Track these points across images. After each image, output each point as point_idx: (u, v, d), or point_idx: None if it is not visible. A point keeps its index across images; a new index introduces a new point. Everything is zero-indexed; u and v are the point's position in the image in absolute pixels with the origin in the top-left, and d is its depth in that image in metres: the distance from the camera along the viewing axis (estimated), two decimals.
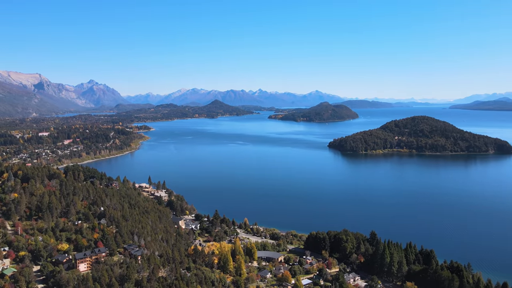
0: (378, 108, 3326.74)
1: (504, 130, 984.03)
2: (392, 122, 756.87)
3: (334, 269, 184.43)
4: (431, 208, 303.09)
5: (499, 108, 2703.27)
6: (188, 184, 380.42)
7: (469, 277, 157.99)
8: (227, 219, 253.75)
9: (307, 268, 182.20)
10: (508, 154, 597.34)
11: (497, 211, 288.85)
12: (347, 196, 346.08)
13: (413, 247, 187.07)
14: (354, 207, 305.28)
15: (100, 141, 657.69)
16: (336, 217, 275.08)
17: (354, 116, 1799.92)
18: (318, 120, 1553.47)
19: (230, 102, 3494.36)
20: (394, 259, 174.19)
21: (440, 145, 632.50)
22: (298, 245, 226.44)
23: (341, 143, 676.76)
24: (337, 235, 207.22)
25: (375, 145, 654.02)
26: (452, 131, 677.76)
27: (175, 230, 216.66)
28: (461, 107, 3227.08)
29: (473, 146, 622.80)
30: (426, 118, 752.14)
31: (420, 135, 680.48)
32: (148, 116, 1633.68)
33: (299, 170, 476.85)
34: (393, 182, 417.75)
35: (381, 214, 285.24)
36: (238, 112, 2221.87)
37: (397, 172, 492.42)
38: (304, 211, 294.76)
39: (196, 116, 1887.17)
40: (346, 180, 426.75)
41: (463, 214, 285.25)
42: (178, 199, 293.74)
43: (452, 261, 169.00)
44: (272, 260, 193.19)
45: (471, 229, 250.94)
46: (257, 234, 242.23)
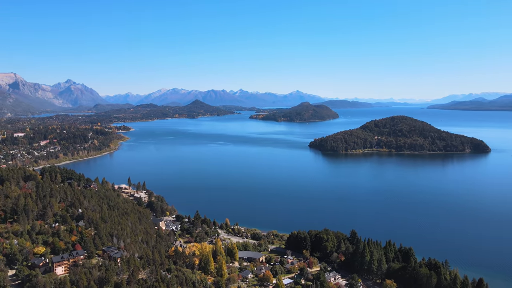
0: (358, 108, 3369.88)
1: (480, 129, 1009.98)
2: (372, 122, 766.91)
3: (315, 268, 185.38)
4: (410, 206, 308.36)
5: (475, 108, 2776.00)
6: (168, 185, 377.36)
7: (447, 273, 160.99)
8: (208, 219, 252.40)
9: (288, 268, 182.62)
10: (483, 153, 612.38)
11: (472, 209, 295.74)
12: (328, 195, 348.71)
13: (393, 245, 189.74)
14: (335, 207, 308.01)
15: (78, 142, 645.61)
16: (317, 216, 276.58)
17: (334, 116, 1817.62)
18: (299, 120, 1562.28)
19: (211, 102, 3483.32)
20: (374, 257, 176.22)
21: (419, 145, 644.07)
22: (279, 244, 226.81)
23: (321, 143, 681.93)
24: (318, 235, 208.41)
25: (355, 144, 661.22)
26: (430, 130, 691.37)
27: (156, 231, 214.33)
28: (438, 107, 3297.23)
29: (450, 146, 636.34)
30: (405, 118, 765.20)
31: (399, 134, 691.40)
32: (127, 116, 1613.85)
33: (280, 170, 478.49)
34: (373, 181, 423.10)
35: (362, 213, 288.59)
36: (219, 112, 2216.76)
37: (376, 172, 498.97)
38: (285, 211, 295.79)
39: (177, 116, 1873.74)
40: (327, 180, 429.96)
41: (440, 212, 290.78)
42: (159, 200, 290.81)
43: (430, 258, 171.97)
44: (253, 260, 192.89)
45: (448, 227, 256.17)
46: (238, 235, 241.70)
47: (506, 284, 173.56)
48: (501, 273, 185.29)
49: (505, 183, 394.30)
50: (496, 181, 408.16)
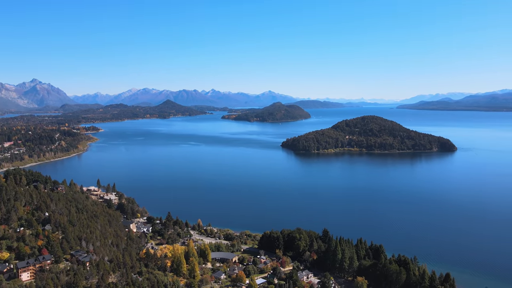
0: (330, 108, 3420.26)
1: (446, 128, 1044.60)
2: (343, 122, 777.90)
3: (288, 267, 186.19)
4: (380, 204, 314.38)
5: (442, 108, 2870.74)
6: (139, 186, 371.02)
7: (415, 269, 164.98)
8: (180, 221, 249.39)
9: (261, 268, 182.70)
10: (450, 151, 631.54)
11: (440, 206, 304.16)
12: (300, 195, 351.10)
13: (364, 243, 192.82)
14: (307, 206, 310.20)
15: (45, 143, 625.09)
16: (290, 216, 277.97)
17: (306, 116, 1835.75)
18: (271, 120, 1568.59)
19: (183, 102, 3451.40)
20: (345, 255, 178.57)
21: (388, 144, 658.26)
22: (252, 245, 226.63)
23: (294, 142, 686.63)
24: (290, 234, 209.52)
25: (327, 144, 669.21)
26: (399, 130, 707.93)
27: (126, 234, 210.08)
28: (407, 107, 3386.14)
29: (419, 145, 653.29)
30: (375, 117, 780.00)
31: (370, 134, 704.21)
32: (96, 117, 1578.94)
33: (253, 170, 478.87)
34: (344, 180, 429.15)
35: (334, 212, 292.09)
36: (190, 112, 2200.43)
37: (348, 171, 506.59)
38: (258, 211, 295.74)
39: (148, 116, 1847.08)
40: (299, 180, 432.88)
41: (409, 209, 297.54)
42: (129, 202, 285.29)
43: (399, 255, 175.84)
44: (226, 260, 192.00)
45: (416, 224, 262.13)
46: (211, 235, 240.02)
47: (471, 278, 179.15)
48: (467, 267, 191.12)
49: (471, 180, 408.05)
50: (462, 178, 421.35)
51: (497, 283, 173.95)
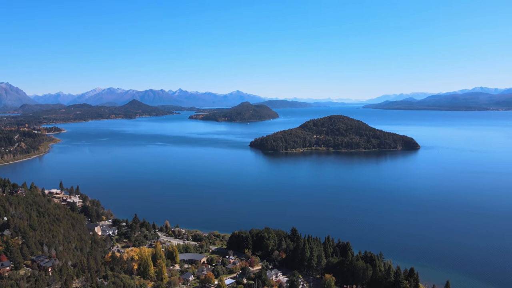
0: (297, 108, 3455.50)
1: (410, 127, 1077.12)
2: (311, 121, 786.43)
3: (257, 266, 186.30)
4: (347, 202, 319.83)
5: (406, 107, 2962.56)
6: (104, 188, 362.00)
7: (381, 265, 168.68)
8: (147, 222, 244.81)
9: (230, 268, 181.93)
10: (413, 150, 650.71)
11: (404, 202, 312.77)
12: (269, 194, 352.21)
13: (331, 241, 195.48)
14: (276, 205, 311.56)
15: (3, 145, 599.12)
16: (259, 215, 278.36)
17: (274, 116, 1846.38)
18: (239, 120, 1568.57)
19: (149, 102, 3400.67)
20: (313, 253, 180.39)
21: (355, 143, 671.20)
22: (221, 245, 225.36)
23: (262, 142, 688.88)
24: (259, 233, 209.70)
25: (295, 143, 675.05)
26: (365, 129, 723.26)
27: (91, 237, 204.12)
28: (373, 107, 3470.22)
29: (384, 143, 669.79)
30: (342, 117, 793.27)
31: (337, 133, 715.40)
32: (59, 117, 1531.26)
33: (221, 170, 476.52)
34: (312, 179, 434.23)
35: (302, 210, 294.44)
36: (157, 112, 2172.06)
37: (315, 170, 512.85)
38: (226, 211, 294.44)
39: (113, 116, 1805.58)
40: (268, 179, 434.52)
41: (375, 206, 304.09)
42: (94, 204, 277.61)
43: (366, 251, 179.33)
44: (194, 262, 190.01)
45: (382, 220, 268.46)
46: (179, 237, 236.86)
47: (434, 271, 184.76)
48: (430, 262, 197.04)
49: (434, 177, 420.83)
50: (425, 175, 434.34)
51: (458, 276, 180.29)
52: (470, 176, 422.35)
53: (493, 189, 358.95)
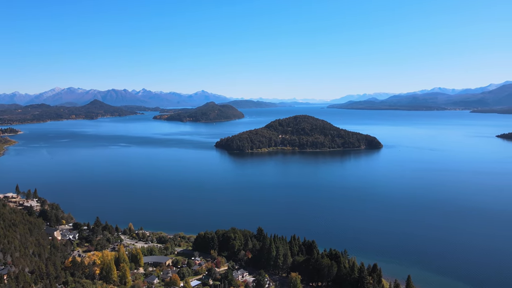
0: (263, 107, 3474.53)
1: (373, 127, 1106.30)
2: (276, 121, 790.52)
3: (223, 267, 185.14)
4: (313, 200, 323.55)
5: (369, 107, 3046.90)
6: (64, 191, 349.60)
7: (346, 262, 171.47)
8: (109, 225, 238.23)
9: (196, 269, 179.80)
10: (376, 148, 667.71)
11: (367, 200, 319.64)
12: (235, 194, 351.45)
13: (297, 239, 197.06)
14: (242, 205, 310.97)
15: None
16: (225, 216, 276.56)
17: (240, 116, 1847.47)
18: (204, 120, 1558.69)
19: (112, 102, 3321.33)
20: (279, 252, 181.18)
21: (320, 142, 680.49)
22: (186, 246, 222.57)
23: (227, 142, 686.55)
24: (225, 234, 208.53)
25: (261, 143, 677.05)
26: (330, 129, 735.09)
27: (50, 242, 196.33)
28: (337, 107, 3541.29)
29: (348, 143, 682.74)
30: (307, 117, 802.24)
31: (302, 133, 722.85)
32: (14, 118, 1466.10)
33: (186, 170, 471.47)
34: (278, 179, 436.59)
35: (268, 210, 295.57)
36: (120, 112, 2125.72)
37: (281, 169, 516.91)
38: (192, 212, 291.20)
39: (73, 117, 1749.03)
40: (233, 179, 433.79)
41: (340, 204, 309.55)
42: (53, 208, 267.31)
43: (331, 249, 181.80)
44: (159, 264, 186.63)
45: (346, 218, 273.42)
46: (143, 239, 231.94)
47: (397, 266, 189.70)
48: (393, 257, 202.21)
49: (395, 174, 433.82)
50: (388, 173, 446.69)
51: (419, 270, 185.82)
52: (430, 173, 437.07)
53: (452, 186, 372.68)
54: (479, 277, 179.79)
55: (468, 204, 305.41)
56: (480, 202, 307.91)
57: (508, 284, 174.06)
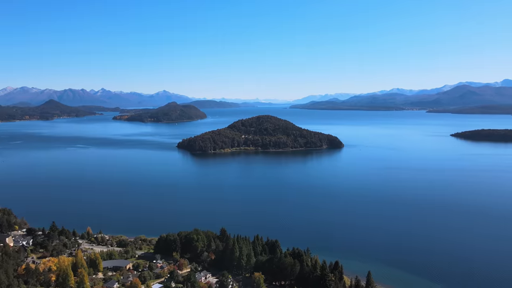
0: (226, 108, 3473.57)
1: (334, 126, 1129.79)
2: (239, 122, 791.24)
3: (186, 269, 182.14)
4: (275, 200, 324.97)
5: (330, 107, 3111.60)
6: (17, 196, 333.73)
7: (308, 260, 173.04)
8: (66, 230, 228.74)
9: (158, 272, 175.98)
10: (338, 148, 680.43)
11: (329, 198, 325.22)
12: (198, 195, 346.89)
13: (260, 239, 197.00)
14: (205, 206, 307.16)
15: None
16: (187, 217, 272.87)
17: (202, 116, 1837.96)
18: (166, 121, 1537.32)
19: (69, 102, 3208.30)
20: (243, 252, 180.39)
21: (282, 142, 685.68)
22: (148, 249, 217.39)
23: (190, 143, 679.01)
24: (188, 235, 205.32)
25: (224, 144, 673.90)
26: (292, 129, 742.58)
27: (1, 249, 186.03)
28: (299, 107, 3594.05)
29: (310, 142, 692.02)
30: (270, 117, 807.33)
31: (265, 133, 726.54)
32: None
33: (147, 172, 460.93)
34: (241, 179, 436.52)
35: (231, 210, 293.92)
36: (78, 113, 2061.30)
37: (244, 169, 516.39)
38: (153, 214, 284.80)
39: (27, 118, 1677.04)
40: (196, 180, 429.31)
41: (302, 203, 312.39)
42: (4, 213, 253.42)
43: (294, 248, 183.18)
44: (119, 268, 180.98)
45: (309, 217, 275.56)
46: (102, 243, 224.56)
47: (357, 263, 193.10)
48: (354, 254, 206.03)
49: (356, 173, 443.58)
50: (348, 172, 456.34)
51: (379, 265, 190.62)
52: (389, 171, 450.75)
53: (409, 183, 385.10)
54: (438, 270, 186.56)
55: (425, 199, 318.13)
56: (436, 197, 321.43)
57: (466, 274, 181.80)
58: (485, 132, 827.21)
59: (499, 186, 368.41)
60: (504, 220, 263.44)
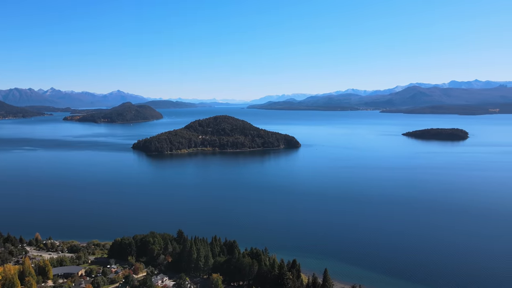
0: (182, 108, 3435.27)
1: (291, 127, 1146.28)
2: (196, 122, 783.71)
3: (142, 273, 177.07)
4: (233, 200, 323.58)
5: (287, 108, 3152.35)
6: None
7: (266, 260, 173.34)
8: (12, 237, 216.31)
9: (112, 278, 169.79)
10: (295, 148, 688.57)
11: (286, 198, 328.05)
12: (153, 197, 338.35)
13: (218, 240, 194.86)
14: (161, 208, 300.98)
15: None
16: (143, 220, 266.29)
17: (158, 117, 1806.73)
18: (120, 121, 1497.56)
19: (15, 102, 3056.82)
20: (200, 254, 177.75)
21: (240, 142, 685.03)
22: (101, 254, 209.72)
23: (145, 144, 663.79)
24: (144, 238, 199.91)
25: (180, 144, 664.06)
26: (250, 129, 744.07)
27: None
28: (257, 107, 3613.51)
29: (267, 142, 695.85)
30: (227, 117, 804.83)
31: (222, 133, 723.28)
32: None
33: (100, 174, 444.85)
34: (198, 180, 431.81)
35: (189, 212, 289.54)
36: (25, 113, 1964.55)
37: (201, 170, 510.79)
38: (107, 217, 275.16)
39: None
40: (152, 181, 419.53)
41: (259, 203, 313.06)
42: None
43: (252, 248, 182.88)
44: (71, 275, 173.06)
45: (266, 216, 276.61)
46: (52, 250, 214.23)
47: (315, 261, 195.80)
48: (311, 252, 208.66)
49: (312, 172, 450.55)
50: (305, 171, 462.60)
51: (335, 263, 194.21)
52: (344, 170, 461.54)
53: (364, 181, 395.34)
54: (391, 263, 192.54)
55: (380, 195, 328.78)
56: (391, 194, 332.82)
57: (420, 265, 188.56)
58: (434, 131, 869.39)
59: (449, 184, 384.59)
60: (455, 213, 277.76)
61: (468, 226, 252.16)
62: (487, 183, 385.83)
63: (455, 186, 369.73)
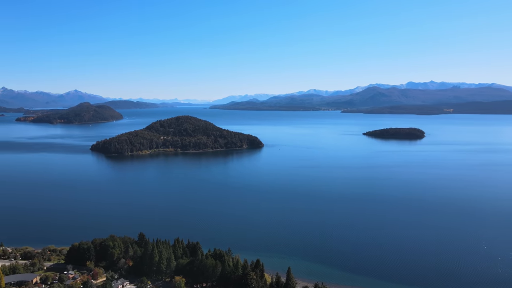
0: (143, 108, 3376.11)
1: (254, 127, 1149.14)
2: (158, 122, 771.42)
3: (101, 278, 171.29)
4: (196, 202, 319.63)
5: (250, 108, 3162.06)
6: None
7: (230, 260, 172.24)
8: None
9: (70, 284, 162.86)
10: (258, 148, 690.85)
11: (249, 198, 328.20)
12: (113, 199, 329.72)
13: (181, 242, 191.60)
14: (121, 211, 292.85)
15: None
16: (102, 223, 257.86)
17: (118, 117, 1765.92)
18: (78, 122, 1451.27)
19: None
20: (163, 256, 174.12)
21: (202, 143, 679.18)
22: (58, 260, 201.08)
23: (105, 145, 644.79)
24: (103, 242, 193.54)
25: (141, 145, 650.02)
26: (213, 129, 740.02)
27: None
28: (219, 107, 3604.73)
29: (230, 143, 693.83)
30: (190, 117, 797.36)
31: (184, 134, 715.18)
32: None
33: (56, 176, 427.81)
34: (159, 182, 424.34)
35: (150, 214, 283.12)
36: None
37: (163, 171, 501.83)
38: (63, 222, 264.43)
39: None
40: (111, 183, 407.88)
41: (222, 204, 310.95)
42: None
43: (215, 249, 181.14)
44: (24, 283, 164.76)
45: (229, 217, 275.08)
46: (3, 257, 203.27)
47: (278, 260, 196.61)
48: (274, 252, 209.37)
49: (275, 172, 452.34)
50: (268, 171, 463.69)
51: (298, 262, 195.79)
52: (306, 169, 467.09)
53: (326, 180, 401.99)
54: (353, 260, 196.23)
55: (339, 193, 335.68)
56: (353, 192, 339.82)
57: (381, 260, 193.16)
58: (392, 131, 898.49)
59: (407, 182, 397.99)
60: (413, 208, 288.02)
61: (425, 219, 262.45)
62: (443, 179, 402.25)
63: (413, 184, 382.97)
